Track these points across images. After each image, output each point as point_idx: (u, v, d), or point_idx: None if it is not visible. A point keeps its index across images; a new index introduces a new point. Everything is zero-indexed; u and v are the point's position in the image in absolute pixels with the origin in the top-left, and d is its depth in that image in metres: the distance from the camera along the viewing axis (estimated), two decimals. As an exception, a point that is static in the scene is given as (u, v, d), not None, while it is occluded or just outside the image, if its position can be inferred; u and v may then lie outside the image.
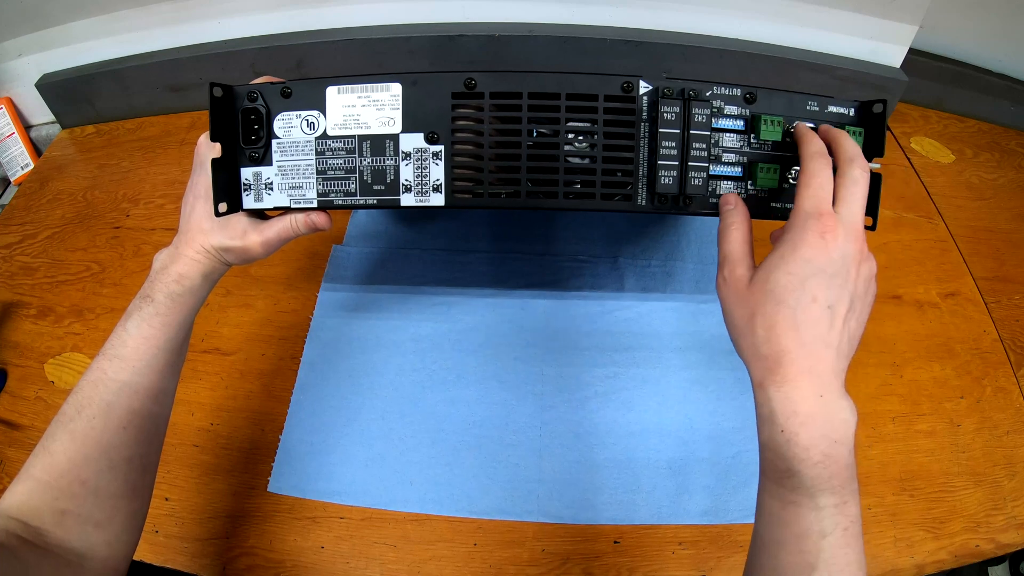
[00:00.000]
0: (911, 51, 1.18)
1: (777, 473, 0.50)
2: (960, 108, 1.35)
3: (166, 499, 0.85)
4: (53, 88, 1.29)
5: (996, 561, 1.35)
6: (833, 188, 0.52)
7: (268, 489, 0.85)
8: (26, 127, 1.36)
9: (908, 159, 1.26)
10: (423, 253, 1.08)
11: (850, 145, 0.55)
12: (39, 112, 1.35)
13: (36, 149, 1.36)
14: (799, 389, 0.48)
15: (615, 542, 0.82)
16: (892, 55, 1.19)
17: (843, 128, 0.62)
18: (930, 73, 1.29)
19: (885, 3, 1.10)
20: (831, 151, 0.55)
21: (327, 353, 0.97)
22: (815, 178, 0.52)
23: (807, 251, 0.49)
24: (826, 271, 0.49)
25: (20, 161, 1.32)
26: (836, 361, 0.49)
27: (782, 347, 0.49)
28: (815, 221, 0.50)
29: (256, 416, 0.92)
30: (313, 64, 1.21)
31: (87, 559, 0.58)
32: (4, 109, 1.30)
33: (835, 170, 0.54)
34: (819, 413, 0.48)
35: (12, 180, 1.32)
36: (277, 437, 0.89)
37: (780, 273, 0.50)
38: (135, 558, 0.66)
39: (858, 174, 0.52)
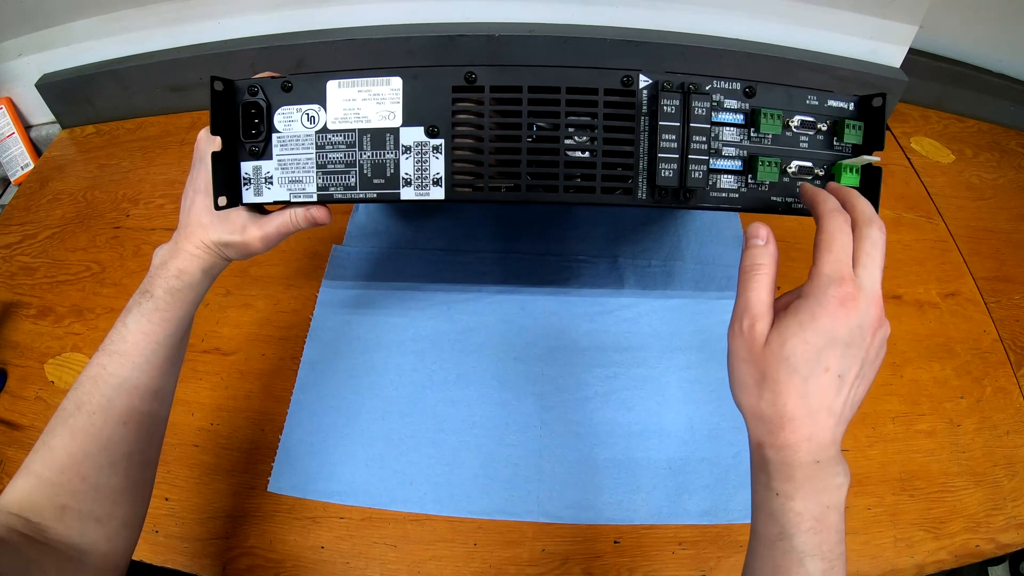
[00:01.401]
0: (911, 51, 1.19)
1: (769, 535, 0.50)
2: (960, 108, 1.35)
3: (166, 499, 0.84)
4: (53, 88, 1.29)
5: (996, 561, 1.35)
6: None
7: (268, 489, 0.85)
8: (26, 127, 1.36)
9: (908, 159, 1.26)
10: (423, 253, 1.08)
11: (866, 205, 0.53)
12: (39, 112, 1.35)
13: (36, 149, 1.36)
14: (797, 455, 0.48)
15: (615, 542, 0.82)
16: (892, 55, 1.19)
17: (843, 122, 0.62)
18: (930, 73, 1.30)
19: (885, 3, 1.11)
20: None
21: (327, 353, 0.97)
22: (836, 240, 0.50)
23: (827, 321, 0.48)
24: (843, 340, 0.48)
25: (20, 161, 1.32)
26: (836, 427, 0.49)
27: (787, 413, 0.48)
28: (836, 288, 0.48)
29: (256, 416, 0.92)
30: (313, 64, 1.21)
31: (87, 554, 0.58)
32: (4, 109, 1.30)
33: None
34: (814, 479, 0.48)
35: (12, 180, 1.32)
36: (277, 437, 0.89)
37: (797, 341, 0.48)
38: (135, 558, 0.66)
39: (877, 236, 0.51)
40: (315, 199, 0.65)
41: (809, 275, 0.50)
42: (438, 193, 0.63)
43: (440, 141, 0.63)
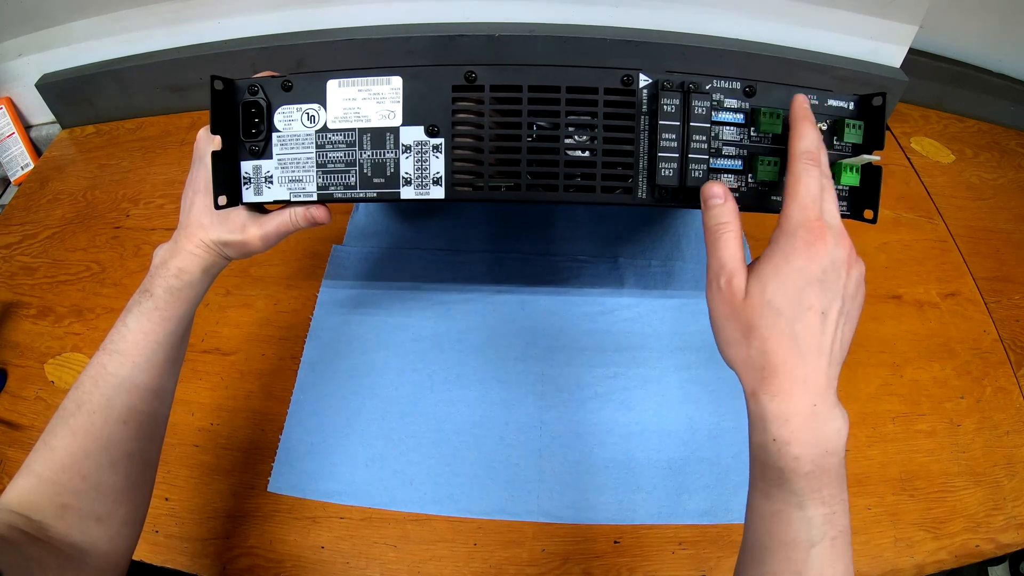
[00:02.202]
0: (911, 51, 1.19)
1: (767, 481, 0.50)
2: (960, 108, 1.35)
3: (166, 499, 0.84)
4: (53, 88, 1.30)
5: (996, 561, 1.35)
6: None
7: (268, 489, 0.85)
8: (26, 127, 1.36)
9: (908, 159, 1.26)
10: (423, 253, 1.08)
11: (822, 152, 0.54)
12: (39, 112, 1.35)
13: (36, 149, 1.36)
14: (793, 398, 0.48)
15: (615, 542, 0.82)
16: (892, 55, 1.19)
17: (843, 122, 0.62)
18: (930, 73, 1.30)
19: (885, 3, 1.11)
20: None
21: (327, 353, 0.97)
22: (803, 185, 0.51)
23: (800, 260, 0.49)
24: (819, 278, 0.49)
25: (20, 161, 1.32)
26: (829, 368, 0.49)
27: (778, 358, 0.49)
28: (804, 230, 0.49)
29: (256, 416, 0.92)
30: (313, 64, 1.22)
31: (88, 554, 0.58)
32: (4, 109, 1.31)
33: None
34: (812, 422, 0.48)
35: (12, 180, 1.32)
36: (277, 437, 0.89)
37: (776, 284, 0.49)
38: (135, 558, 0.66)
39: (826, 182, 0.52)
40: (315, 198, 0.65)
41: (778, 221, 0.51)
42: (438, 192, 0.63)
43: (440, 140, 0.63)
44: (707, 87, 0.62)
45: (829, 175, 0.53)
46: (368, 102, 0.63)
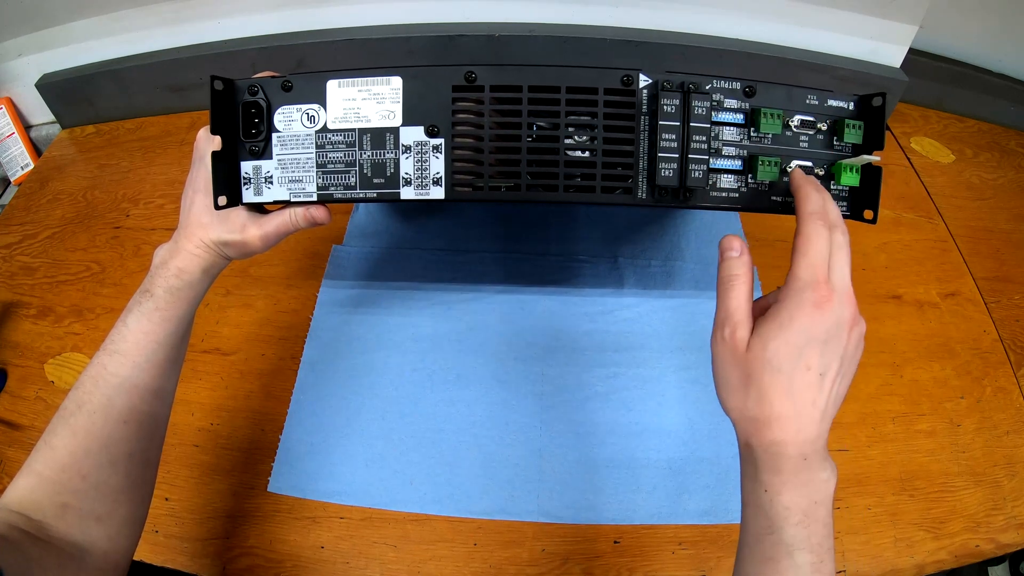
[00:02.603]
0: (911, 51, 1.19)
1: (758, 530, 0.51)
2: (960, 108, 1.35)
3: (166, 499, 0.84)
4: (53, 88, 1.30)
5: (996, 561, 1.35)
6: None
7: (268, 489, 0.85)
8: (26, 127, 1.36)
9: (908, 159, 1.26)
10: (423, 253, 1.08)
11: (834, 208, 0.55)
12: (39, 112, 1.35)
13: (36, 149, 1.36)
14: (785, 450, 0.50)
15: (615, 542, 0.82)
16: (892, 55, 1.19)
17: (843, 122, 0.62)
18: (930, 73, 1.30)
19: (885, 3, 1.11)
20: None
21: (327, 353, 0.97)
22: (812, 245, 0.52)
23: (804, 322, 0.50)
24: (821, 339, 0.50)
25: (20, 161, 1.32)
26: (821, 423, 0.51)
27: (773, 412, 0.50)
28: (811, 292, 0.50)
29: (256, 416, 0.92)
30: (313, 64, 1.22)
31: (88, 553, 0.58)
32: (4, 109, 1.31)
33: None
34: (802, 474, 0.50)
35: (12, 180, 1.32)
36: (277, 437, 0.89)
37: (779, 343, 0.50)
38: (135, 558, 0.66)
39: (842, 240, 0.53)
40: (315, 199, 0.65)
41: (786, 279, 0.52)
42: (438, 193, 0.63)
43: (440, 140, 0.63)
44: (707, 87, 0.62)
45: (845, 230, 0.54)
46: (368, 102, 0.63)
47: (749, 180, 0.63)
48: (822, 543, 0.50)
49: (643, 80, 0.62)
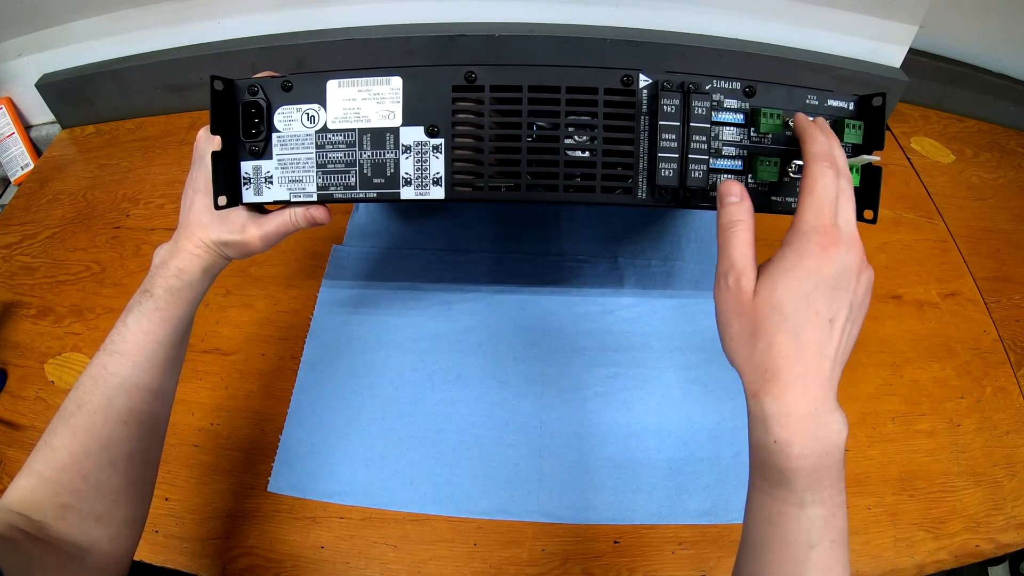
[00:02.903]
0: (911, 51, 1.19)
1: (768, 481, 0.50)
2: (960, 108, 1.35)
3: (166, 499, 0.84)
4: (53, 88, 1.30)
5: (996, 561, 1.35)
6: None
7: (268, 489, 0.85)
8: (26, 127, 1.36)
9: (908, 159, 1.26)
10: (423, 253, 1.08)
11: (840, 154, 0.54)
12: (39, 112, 1.35)
13: (36, 149, 1.36)
14: (795, 400, 0.48)
15: (615, 542, 0.82)
16: (892, 55, 1.19)
17: (843, 122, 0.62)
18: (930, 73, 1.30)
19: (885, 3, 1.11)
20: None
21: (327, 353, 0.97)
22: (819, 187, 0.51)
23: (811, 264, 0.49)
24: (829, 283, 0.49)
25: (20, 161, 1.32)
26: (831, 372, 0.49)
27: (781, 360, 0.49)
28: (818, 235, 0.49)
29: (256, 416, 0.92)
30: (313, 64, 1.22)
31: (89, 553, 0.58)
32: (4, 109, 1.31)
33: None
34: (812, 424, 0.48)
35: (12, 180, 1.32)
36: (277, 437, 0.89)
37: (785, 287, 0.49)
38: (135, 558, 0.66)
39: (846, 186, 0.52)
40: (315, 199, 0.65)
41: (792, 223, 0.51)
42: (438, 193, 0.63)
43: (440, 140, 0.63)
44: (707, 87, 0.62)
45: (849, 176, 0.53)
46: (368, 102, 0.63)
47: (749, 180, 0.63)
48: (834, 497, 0.49)
49: (643, 80, 0.62)
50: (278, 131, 0.64)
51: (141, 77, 1.28)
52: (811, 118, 0.59)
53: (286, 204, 0.67)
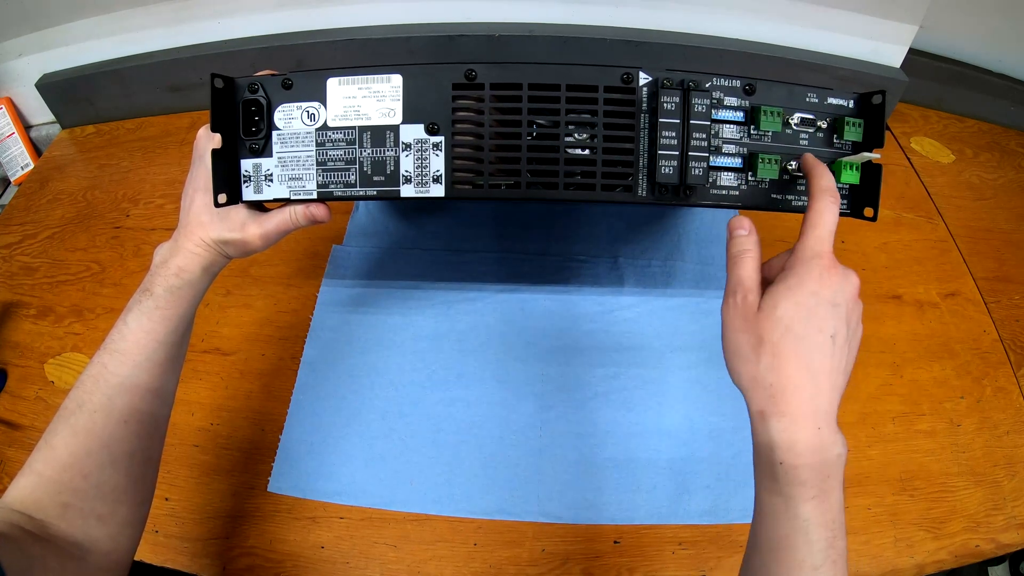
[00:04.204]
0: (911, 51, 1.19)
1: (773, 508, 0.51)
2: (960, 108, 1.35)
3: (166, 499, 0.84)
4: (53, 88, 1.30)
5: (996, 561, 1.35)
6: None
7: (268, 489, 0.85)
8: (26, 127, 1.36)
9: (908, 159, 1.26)
10: (423, 253, 1.08)
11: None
12: (39, 112, 1.35)
13: (36, 149, 1.36)
14: (800, 421, 0.50)
15: (615, 542, 0.82)
16: (892, 55, 1.19)
17: (842, 120, 0.63)
18: (930, 73, 1.30)
19: (885, 3, 1.11)
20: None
21: (327, 353, 0.97)
22: (823, 220, 0.53)
23: (813, 284, 0.51)
24: (829, 301, 0.51)
25: (20, 161, 1.32)
26: (831, 393, 0.51)
27: (787, 375, 0.50)
28: (820, 259, 0.52)
29: (256, 416, 0.92)
30: (313, 64, 1.22)
31: (90, 552, 0.58)
32: (4, 109, 1.31)
33: None
34: (816, 447, 0.49)
35: (12, 180, 1.32)
36: (277, 437, 0.89)
37: (789, 303, 0.51)
38: (135, 558, 0.66)
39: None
40: (315, 196, 0.65)
41: (794, 249, 0.54)
42: (438, 190, 0.63)
43: (440, 138, 0.63)
44: (707, 85, 0.62)
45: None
46: (368, 100, 0.63)
47: (749, 178, 0.63)
48: (836, 519, 0.50)
49: (643, 78, 0.62)
50: (278, 129, 0.64)
51: (141, 77, 1.28)
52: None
53: (286, 202, 0.67)
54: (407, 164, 0.63)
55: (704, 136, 0.61)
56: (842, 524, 0.50)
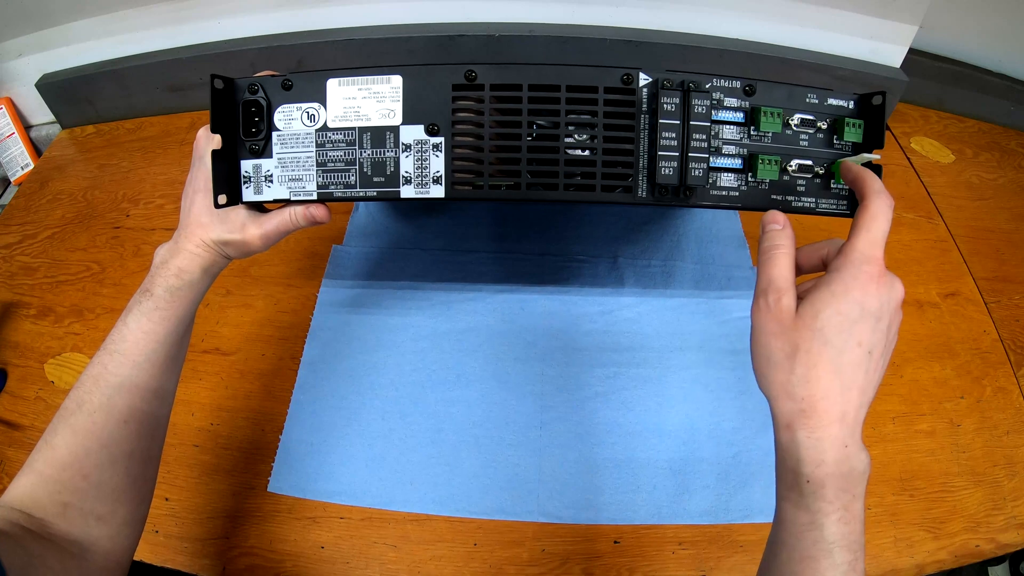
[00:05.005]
0: (911, 51, 1.19)
1: (799, 526, 0.49)
2: (960, 108, 1.35)
3: (166, 499, 0.84)
4: (53, 88, 1.30)
5: (996, 561, 1.34)
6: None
7: (268, 489, 0.85)
8: (26, 127, 1.36)
9: (908, 159, 1.26)
10: (423, 253, 1.08)
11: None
12: (39, 112, 1.35)
13: (36, 149, 1.36)
14: (829, 437, 0.48)
15: (615, 542, 0.82)
16: (892, 55, 1.19)
17: (842, 120, 0.62)
18: (930, 73, 1.30)
19: (885, 3, 1.11)
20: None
21: (327, 353, 0.97)
22: (877, 222, 0.50)
23: (859, 293, 0.48)
24: (874, 314, 0.48)
25: (20, 161, 1.32)
26: (861, 408, 0.49)
27: (821, 389, 0.48)
28: (869, 264, 0.49)
29: (256, 416, 0.92)
30: (313, 64, 1.22)
31: (89, 551, 0.58)
32: (4, 109, 1.30)
33: None
34: (843, 465, 0.48)
35: (12, 180, 1.32)
36: (277, 437, 0.89)
37: (831, 312, 0.48)
38: (135, 558, 0.66)
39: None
40: (315, 197, 0.65)
41: (842, 250, 0.51)
42: (438, 191, 0.63)
43: (440, 139, 0.63)
44: (707, 86, 0.62)
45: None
46: (368, 101, 0.63)
47: (749, 179, 0.63)
48: (858, 539, 0.48)
49: (643, 79, 0.62)
50: (278, 130, 0.64)
51: (141, 77, 1.28)
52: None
53: (286, 203, 0.67)
54: (407, 165, 0.63)
55: (704, 137, 0.61)
56: (863, 545, 0.49)
